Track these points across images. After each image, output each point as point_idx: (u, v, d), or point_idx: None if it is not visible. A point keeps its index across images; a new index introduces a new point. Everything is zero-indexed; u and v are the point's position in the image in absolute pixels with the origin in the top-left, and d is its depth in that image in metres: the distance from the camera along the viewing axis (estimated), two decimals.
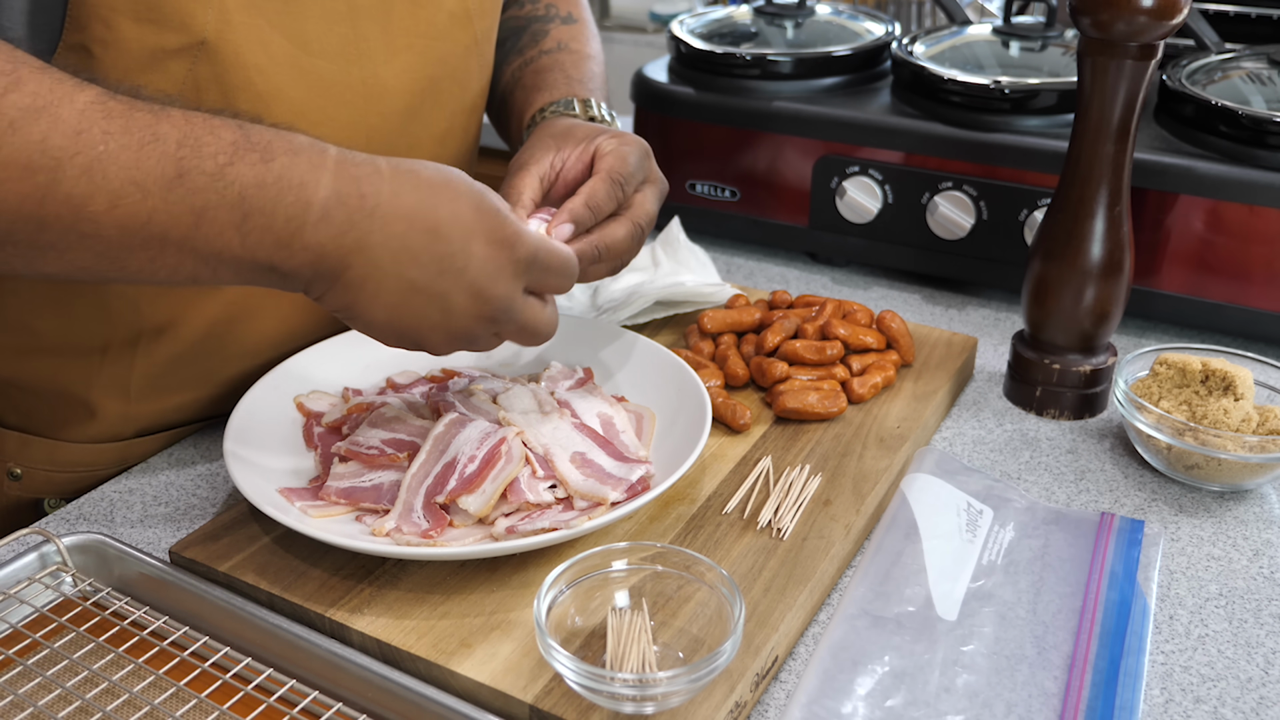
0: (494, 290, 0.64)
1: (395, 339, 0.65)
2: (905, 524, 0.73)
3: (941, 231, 1.04)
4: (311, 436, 0.78)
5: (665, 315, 0.98)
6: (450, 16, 0.82)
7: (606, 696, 0.56)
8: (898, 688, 0.61)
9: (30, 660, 0.62)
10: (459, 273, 0.62)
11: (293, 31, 0.72)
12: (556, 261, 0.68)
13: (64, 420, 0.81)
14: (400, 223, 0.60)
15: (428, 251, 0.61)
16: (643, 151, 0.79)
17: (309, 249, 0.59)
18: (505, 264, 0.64)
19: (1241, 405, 0.78)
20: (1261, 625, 0.67)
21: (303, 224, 0.58)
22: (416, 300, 0.62)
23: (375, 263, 0.60)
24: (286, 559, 0.68)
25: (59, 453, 0.82)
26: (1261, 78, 1.01)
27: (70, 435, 0.82)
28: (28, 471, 0.82)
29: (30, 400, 0.82)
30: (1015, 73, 1.05)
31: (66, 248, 0.55)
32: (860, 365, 0.87)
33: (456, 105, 0.86)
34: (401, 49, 0.79)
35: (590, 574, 0.62)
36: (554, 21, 0.98)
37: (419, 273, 0.62)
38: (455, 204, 0.62)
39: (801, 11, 1.21)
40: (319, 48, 0.74)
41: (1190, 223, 0.95)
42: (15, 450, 0.82)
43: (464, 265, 0.62)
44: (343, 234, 0.59)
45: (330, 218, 0.59)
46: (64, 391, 0.80)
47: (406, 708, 0.59)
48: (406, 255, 0.61)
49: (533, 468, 0.71)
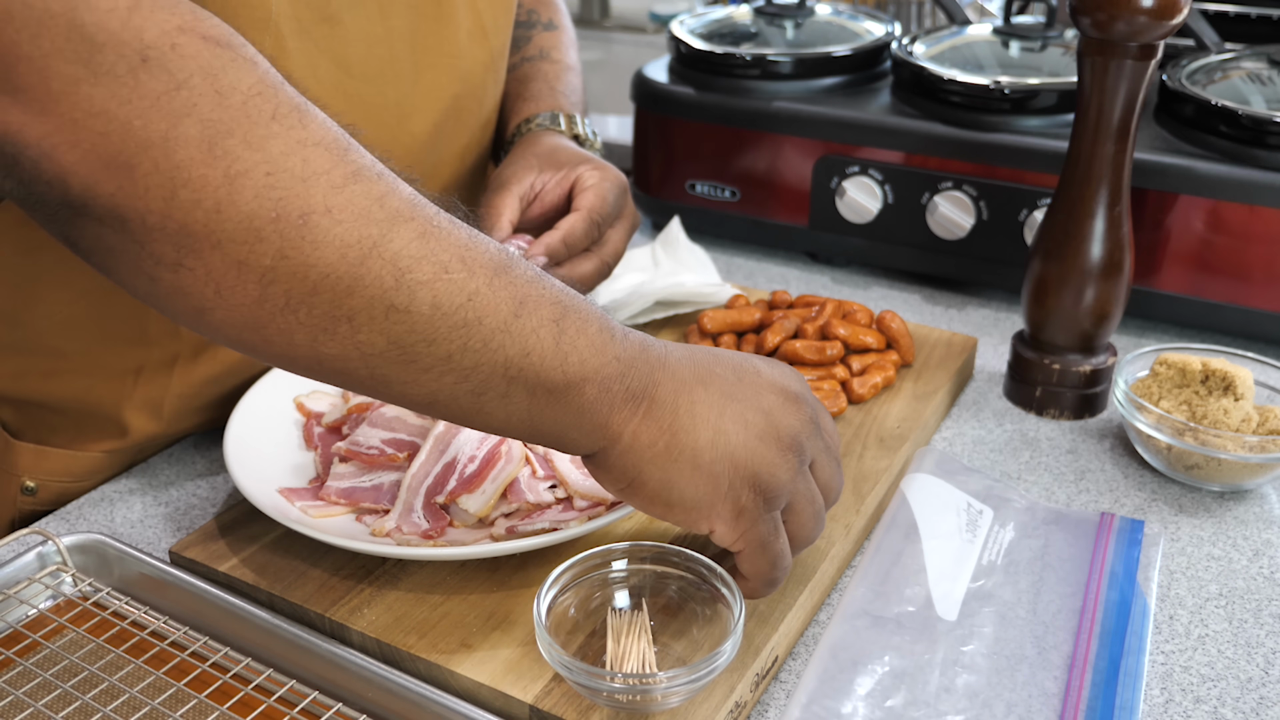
0: (792, 386, 0.60)
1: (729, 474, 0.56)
2: (905, 524, 0.73)
3: (941, 231, 1.04)
4: (311, 436, 0.78)
5: (665, 315, 0.98)
6: (469, 35, 0.83)
7: (606, 696, 0.56)
8: (898, 688, 0.61)
9: (30, 660, 0.62)
10: (755, 374, 0.59)
11: (338, 55, 0.73)
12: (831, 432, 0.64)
13: (89, 436, 0.79)
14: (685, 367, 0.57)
15: (719, 365, 0.59)
16: (621, 189, 0.81)
17: (620, 360, 0.54)
18: (792, 381, 0.61)
19: (1241, 405, 0.78)
20: (1261, 625, 0.67)
21: (611, 336, 0.55)
22: (733, 407, 0.57)
23: (679, 377, 0.56)
24: (286, 559, 0.68)
25: (76, 464, 0.80)
26: (1261, 78, 1.01)
27: (91, 448, 0.80)
28: (43, 484, 0.80)
29: (54, 417, 0.79)
30: (1015, 73, 1.05)
31: (365, 322, 0.48)
32: (860, 365, 0.87)
33: (475, 121, 0.87)
34: (426, 68, 0.80)
35: (590, 574, 0.62)
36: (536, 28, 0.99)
37: (722, 382, 0.57)
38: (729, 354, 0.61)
39: (801, 11, 1.21)
40: (360, 70, 0.75)
41: (1190, 223, 0.95)
42: (31, 463, 0.79)
43: (756, 369, 0.59)
44: (643, 351, 0.56)
45: (629, 339, 0.56)
46: (93, 411, 0.78)
47: (406, 708, 0.59)
48: (703, 369, 0.58)
49: (533, 468, 0.71)
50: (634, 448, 0.55)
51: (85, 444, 0.80)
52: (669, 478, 0.55)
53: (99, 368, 0.77)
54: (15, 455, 0.80)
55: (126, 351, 0.76)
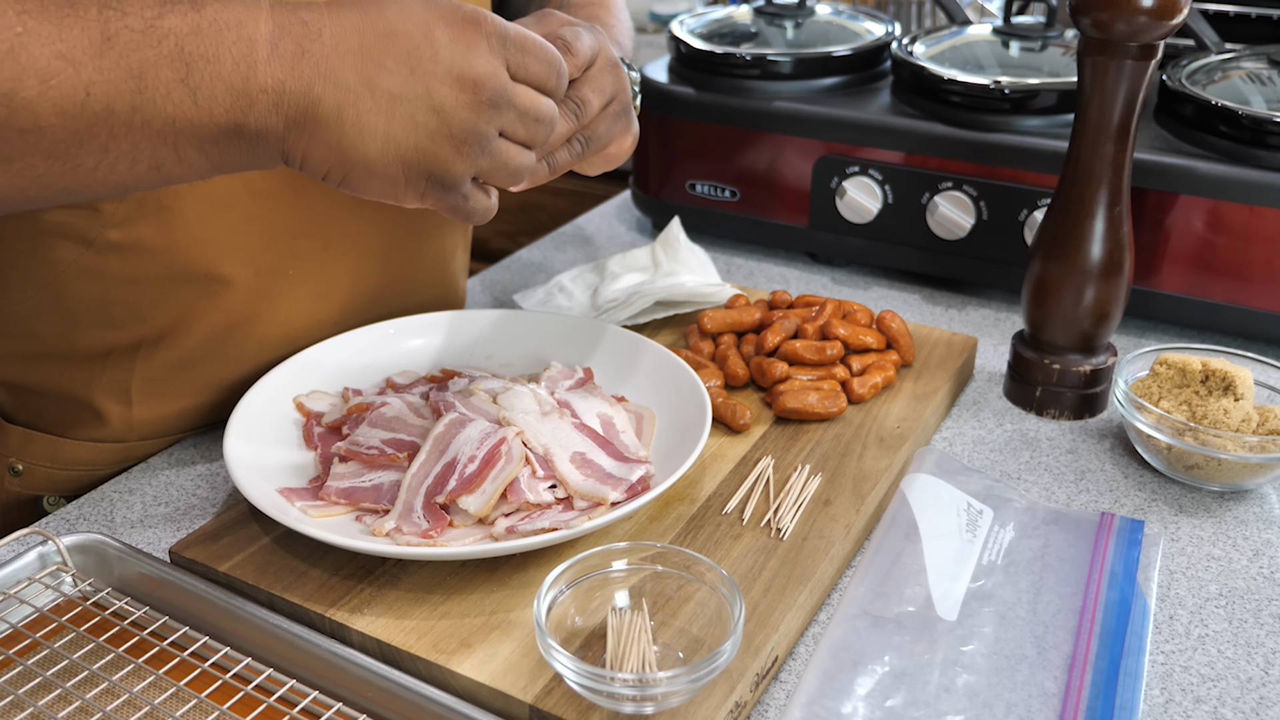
0: (476, 68, 0.57)
1: (404, 174, 0.58)
2: (905, 524, 0.73)
3: (941, 231, 1.04)
4: (311, 436, 0.78)
5: (665, 315, 0.98)
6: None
7: (606, 696, 0.56)
8: (898, 688, 0.61)
9: (30, 660, 0.62)
10: (431, 62, 0.56)
11: None
12: (532, 41, 0.60)
13: (70, 421, 0.81)
14: (351, 36, 0.55)
15: (390, 54, 0.56)
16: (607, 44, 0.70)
17: (268, 90, 0.54)
18: (476, 39, 0.57)
19: (1241, 405, 0.78)
20: (1261, 625, 0.67)
21: (253, 63, 0.53)
22: (402, 109, 0.56)
23: (342, 84, 0.55)
24: (286, 559, 0.68)
25: (61, 450, 0.82)
26: (1261, 78, 1.01)
27: (75, 435, 0.82)
28: (29, 467, 0.82)
29: (38, 401, 0.82)
30: (1015, 73, 1.05)
31: (12, 154, 0.50)
32: (860, 365, 0.87)
33: None
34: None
35: (590, 574, 0.62)
36: None
37: (391, 78, 0.56)
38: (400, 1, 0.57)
39: (801, 11, 1.21)
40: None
41: (1190, 223, 0.95)
42: (18, 446, 0.82)
43: (433, 53, 0.56)
44: (297, 63, 0.54)
45: (280, 50, 0.54)
46: (69, 395, 0.80)
47: (406, 708, 0.59)
48: (371, 65, 0.55)
49: (533, 468, 0.71)
50: (310, 165, 0.57)
51: (66, 429, 0.82)
52: (349, 182, 0.58)
53: (71, 351, 0.79)
54: (6, 436, 0.83)
55: (94, 335, 0.78)
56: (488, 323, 0.90)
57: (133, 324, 0.77)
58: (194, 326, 0.78)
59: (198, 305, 0.77)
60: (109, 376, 0.79)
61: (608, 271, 1.04)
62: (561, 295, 1.02)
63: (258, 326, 0.80)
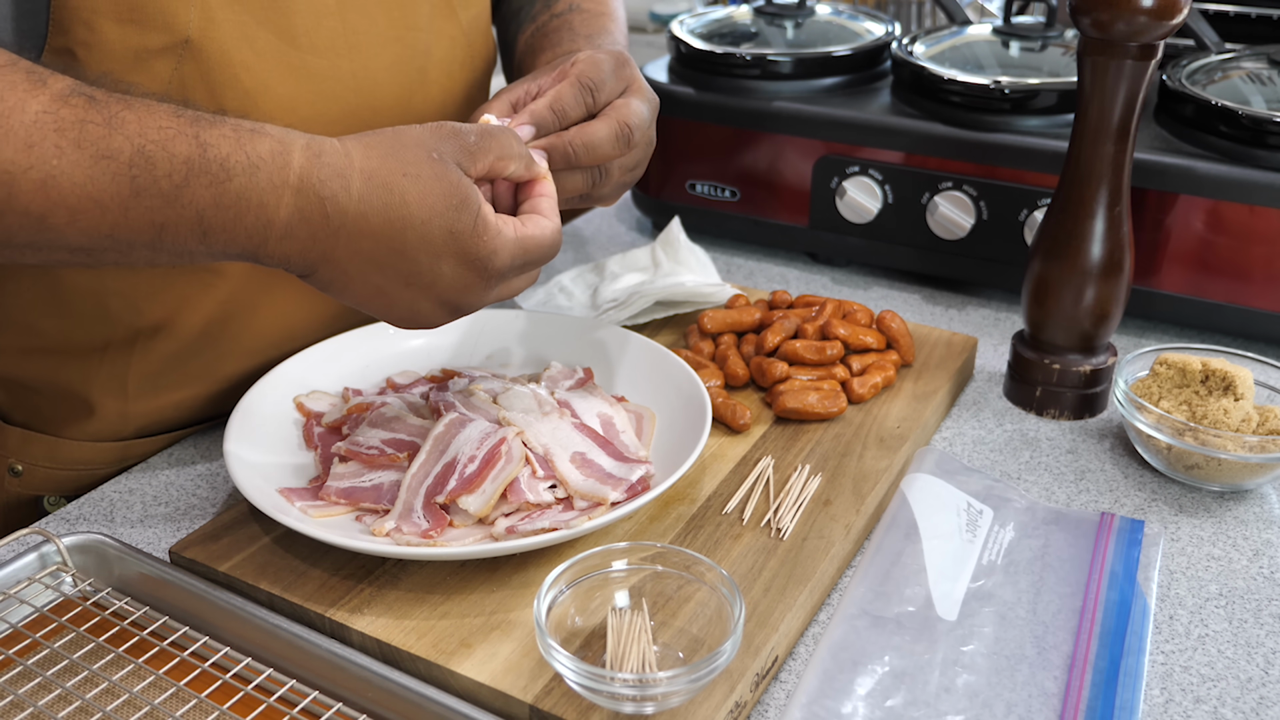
0: (462, 302, 0.65)
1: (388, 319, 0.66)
2: (905, 524, 0.73)
3: (941, 231, 1.04)
4: (311, 436, 0.78)
5: (665, 315, 0.98)
6: (432, 8, 0.82)
7: (606, 696, 0.56)
8: (898, 688, 0.61)
9: (30, 660, 0.62)
10: (426, 288, 0.63)
11: (280, 27, 0.72)
12: (536, 253, 0.66)
13: (65, 418, 0.81)
14: (365, 241, 0.60)
15: (394, 268, 0.62)
16: (619, 60, 0.74)
17: (274, 258, 0.60)
18: (475, 282, 0.64)
19: (1241, 405, 0.78)
20: (1261, 625, 0.67)
21: (265, 239, 0.59)
22: (381, 301, 0.63)
23: (343, 271, 0.61)
24: (286, 559, 0.68)
25: (60, 450, 0.82)
26: (1261, 78, 1.01)
27: (71, 433, 0.82)
28: (28, 468, 0.82)
29: (34, 398, 0.82)
30: (1015, 73, 1.05)
31: (39, 249, 0.56)
32: (860, 365, 0.87)
33: (447, 96, 0.85)
34: (390, 40, 0.79)
35: (590, 574, 0.62)
36: None
37: (385, 282, 0.62)
38: (427, 226, 0.61)
39: (801, 11, 1.21)
40: (308, 42, 0.74)
41: (1190, 223, 0.95)
42: (17, 446, 0.82)
43: (431, 282, 0.63)
44: (307, 249, 0.60)
45: (294, 235, 0.59)
46: (64, 389, 0.80)
47: (406, 708, 0.59)
48: (373, 267, 0.61)
49: (533, 468, 0.71)
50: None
51: (62, 426, 0.82)
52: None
53: (69, 345, 0.79)
54: (5, 437, 0.83)
55: (91, 328, 0.78)
56: (488, 322, 0.90)
57: (129, 316, 0.78)
58: (189, 318, 0.78)
59: (193, 296, 0.78)
60: (106, 371, 0.79)
61: (608, 271, 1.04)
62: (561, 295, 1.02)
63: (254, 319, 0.81)
